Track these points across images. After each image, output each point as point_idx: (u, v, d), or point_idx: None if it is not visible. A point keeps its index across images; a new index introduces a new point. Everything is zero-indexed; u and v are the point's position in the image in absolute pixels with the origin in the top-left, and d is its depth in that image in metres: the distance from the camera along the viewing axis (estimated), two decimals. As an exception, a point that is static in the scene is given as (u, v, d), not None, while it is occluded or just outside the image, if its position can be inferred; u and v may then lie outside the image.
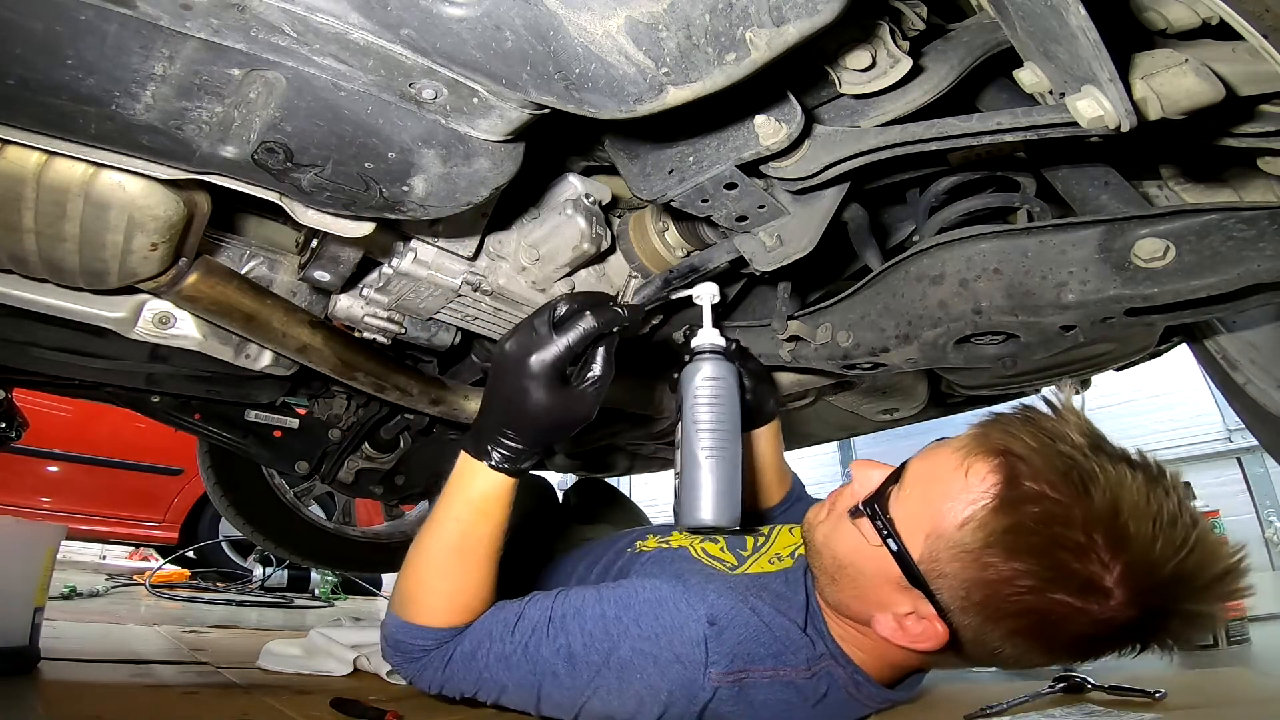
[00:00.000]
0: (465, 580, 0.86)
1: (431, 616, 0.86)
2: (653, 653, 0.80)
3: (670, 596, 0.84)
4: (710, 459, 0.88)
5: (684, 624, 0.81)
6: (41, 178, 0.69)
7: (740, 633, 0.82)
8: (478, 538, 0.85)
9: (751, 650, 0.82)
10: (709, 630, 0.81)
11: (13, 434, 1.54)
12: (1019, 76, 0.70)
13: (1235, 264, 0.72)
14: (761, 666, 0.82)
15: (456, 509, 0.85)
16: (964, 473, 0.75)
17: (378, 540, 2.55)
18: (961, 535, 0.73)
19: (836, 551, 0.86)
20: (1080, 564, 0.68)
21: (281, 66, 0.59)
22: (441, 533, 0.86)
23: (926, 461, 0.82)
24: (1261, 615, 1.85)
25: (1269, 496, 4.21)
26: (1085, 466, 0.71)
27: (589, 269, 1.12)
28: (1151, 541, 0.68)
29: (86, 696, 1.12)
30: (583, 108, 0.59)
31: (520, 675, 0.83)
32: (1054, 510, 0.69)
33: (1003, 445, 0.75)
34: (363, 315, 1.12)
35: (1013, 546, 0.70)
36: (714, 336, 0.96)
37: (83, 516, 3.76)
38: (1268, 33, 0.60)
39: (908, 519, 0.78)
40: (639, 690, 0.80)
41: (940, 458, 0.80)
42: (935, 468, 0.79)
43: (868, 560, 0.81)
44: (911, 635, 0.79)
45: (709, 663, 0.79)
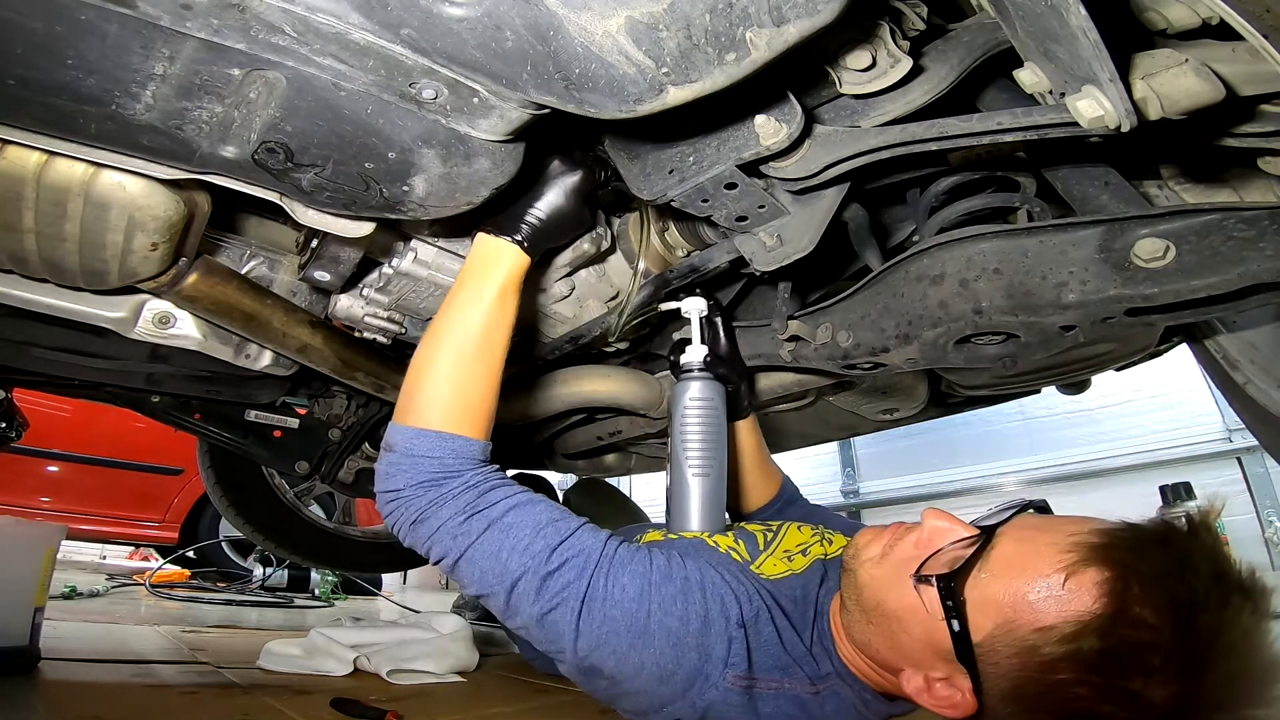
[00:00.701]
0: (487, 383, 0.83)
1: (458, 423, 0.80)
2: (677, 632, 0.77)
3: (713, 587, 0.82)
4: (696, 476, 0.98)
5: (716, 617, 0.80)
6: (42, 178, 0.69)
7: (758, 640, 0.81)
8: (495, 328, 0.84)
9: (763, 660, 0.81)
10: (736, 632, 0.79)
11: (13, 434, 1.55)
12: (1019, 76, 0.70)
13: (1235, 264, 0.72)
14: (769, 677, 0.81)
15: (476, 295, 0.84)
16: (1064, 576, 0.69)
17: (378, 540, 2.54)
18: (1039, 639, 0.69)
19: (884, 600, 0.81)
20: (1144, 685, 0.65)
21: (282, 66, 0.59)
22: (465, 323, 0.83)
23: (1027, 546, 0.74)
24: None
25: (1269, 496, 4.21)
26: (1199, 599, 0.66)
27: (589, 269, 1.12)
28: (1217, 671, 0.65)
29: (86, 696, 1.12)
30: (583, 108, 0.59)
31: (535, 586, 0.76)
32: (1149, 639, 0.65)
33: (1123, 560, 0.68)
34: (363, 315, 1.12)
35: (1092, 665, 0.67)
36: (701, 355, 1.00)
37: (83, 516, 3.75)
38: (1268, 33, 0.60)
39: (982, 602, 0.73)
40: (644, 661, 0.77)
41: (1046, 548, 0.73)
42: (1036, 558, 0.72)
43: (918, 624, 0.77)
44: (937, 698, 0.77)
45: (729, 663, 0.78)
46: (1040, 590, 0.70)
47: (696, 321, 1.04)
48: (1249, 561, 0.71)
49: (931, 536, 0.80)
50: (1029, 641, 0.69)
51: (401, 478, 0.78)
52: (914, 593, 0.77)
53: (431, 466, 0.78)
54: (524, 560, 0.76)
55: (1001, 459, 5.07)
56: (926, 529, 0.81)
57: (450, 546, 0.77)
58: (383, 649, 1.42)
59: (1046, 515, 0.82)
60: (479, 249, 0.88)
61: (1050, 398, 1.88)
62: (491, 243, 0.87)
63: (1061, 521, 0.77)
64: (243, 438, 1.68)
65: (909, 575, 0.78)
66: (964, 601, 0.73)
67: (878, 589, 0.82)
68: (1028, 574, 0.71)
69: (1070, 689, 0.67)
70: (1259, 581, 0.70)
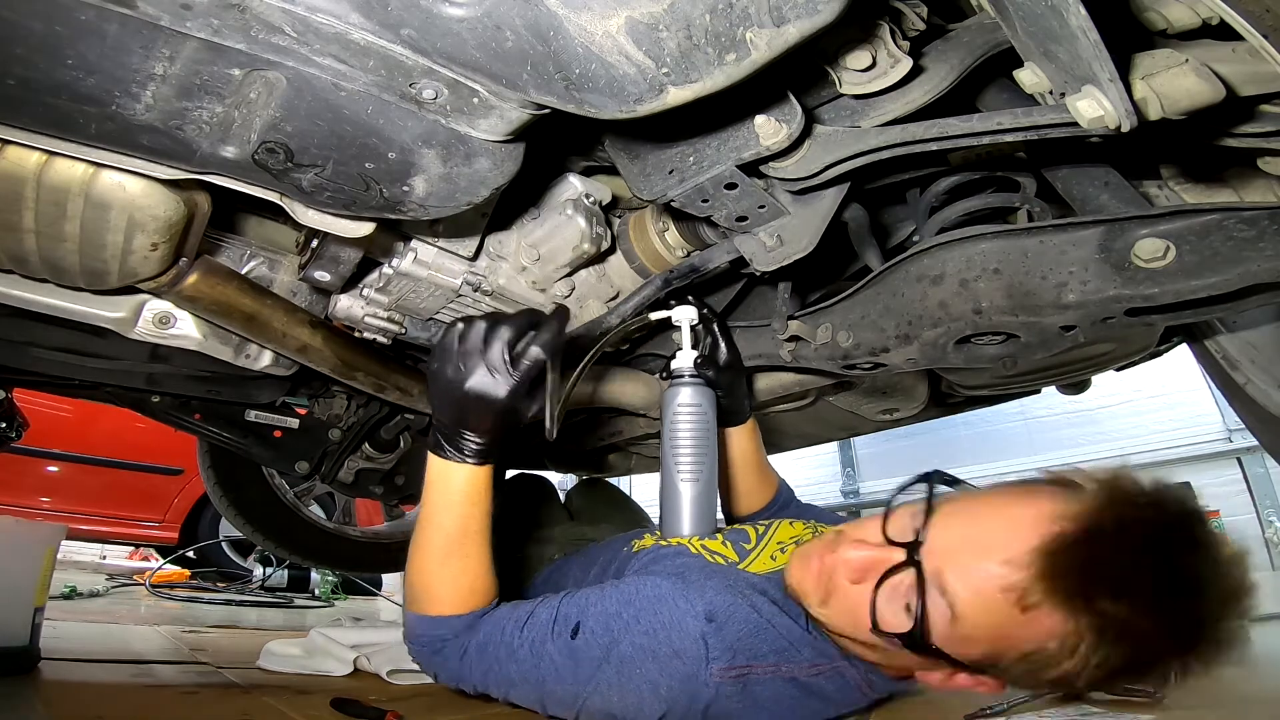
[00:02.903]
0: (466, 564, 0.90)
1: (442, 605, 0.90)
2: (652, 648, 0.80)
3: (669, 593, 0.84)
4: (686, 481, 1.00)
5: (682, 620, 0.81)
6: (42, 178, 0.69)
7: (740, 628, 0.81)
8: (470, 522, 0.89)
9: (753, 646, 0.81)
10: (708, 627, 0.80)
11: (13, 434, 1.55)
12: (1019, 76, 0.70)
13: (1235, 264, 0.72)
14: (764, 663, 0.81)
15: (443, 504, 0.89)
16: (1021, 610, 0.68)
17: (378, 540, 2.55)
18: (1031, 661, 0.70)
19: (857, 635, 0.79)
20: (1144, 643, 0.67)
21: (282, 66, 0.59)
22: (435, 526, 0.89)
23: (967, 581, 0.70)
24: (1261, 615, 1.85)
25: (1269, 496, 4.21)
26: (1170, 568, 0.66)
27: (589, 269, 1.12)
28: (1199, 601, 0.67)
29: (86, 696, 1.12)
30: (583, 108, 0.59)
31: (526, 670, 0.85)
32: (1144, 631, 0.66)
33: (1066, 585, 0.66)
34: (363, 315, 1.12)
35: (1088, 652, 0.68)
36: (690, 361, 1.01)
37: (83, 516, 3.75)
38: (1268, 33, 0.60)
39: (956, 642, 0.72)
40: (639, 687, 0.79)
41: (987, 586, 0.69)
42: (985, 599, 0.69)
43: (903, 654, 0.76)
44: (961, 685, 0.78)
45: (710, 658, 0.78)
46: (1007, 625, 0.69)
47: (686, 329, 1.05)
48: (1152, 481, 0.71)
49: (862, 571, 0.78)
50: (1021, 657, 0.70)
51: (415, 651, 0.94)
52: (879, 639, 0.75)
53: (433, 643, 0.91)
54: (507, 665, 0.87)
55: (1001, 459, 5.08)
56: (851, 562, 0.79)
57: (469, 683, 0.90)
58: (383, 649, 1.42)
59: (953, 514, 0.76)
60: (431, 469, 0.90)
61: (1050, 398, 1.89)
62: (439, 464, 0.89)
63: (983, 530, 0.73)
64: (243, 438, 1.68)
65: (867, 628, 0.75)
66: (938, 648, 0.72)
67: (843, 628, 0.81)
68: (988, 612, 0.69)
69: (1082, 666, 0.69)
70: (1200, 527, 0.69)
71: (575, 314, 1.16)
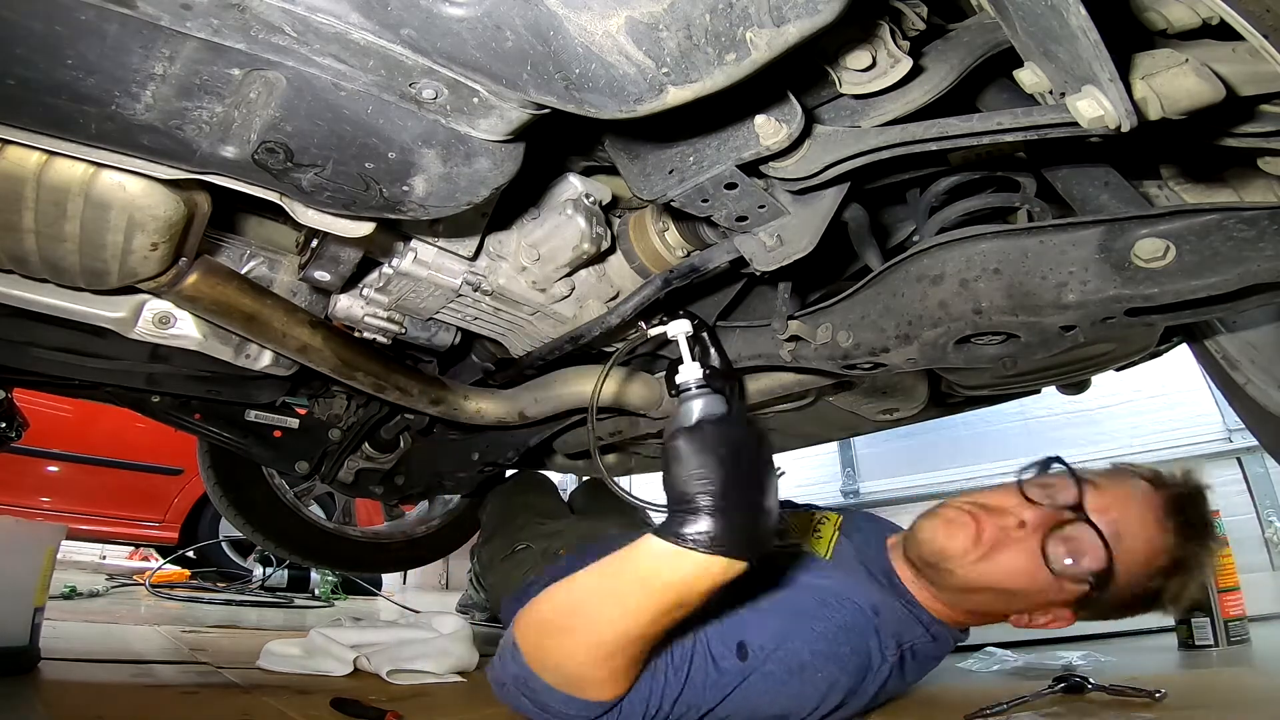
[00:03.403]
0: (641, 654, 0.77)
1: (602, 692, 0.77)
2: (832, 651, 0.87)
3: (832, 594, 0.92)
4: None
5: (854, 619, 0.90)
6: (42, 177, 0.69)
7: (892, 614, 0.93)
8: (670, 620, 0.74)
9: (900, 628, 0.93)
10: (876, 620, 0.91)
11: (13, 434, 1.54)
12: (1019, 76, 0.70)
13: (1235, 264, 0.72)
14: (908, 641, 0.94)
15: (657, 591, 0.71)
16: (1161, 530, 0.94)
17: (378, 540, 2.54)
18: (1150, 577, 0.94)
19: (1003, 584, 0.94)
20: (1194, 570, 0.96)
21: (282, 66, 0.59)
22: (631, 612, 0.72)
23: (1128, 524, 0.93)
24: (1261, 615, 1.85)
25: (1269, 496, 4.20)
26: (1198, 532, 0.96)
27: (589, 269, 1.12)
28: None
29: (86, 696, 1.12)
30: (583, 108, 0.59)
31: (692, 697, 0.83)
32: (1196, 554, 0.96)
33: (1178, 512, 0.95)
34: (363, 315, 1.12)
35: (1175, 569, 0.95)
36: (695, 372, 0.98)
37: (83, 516, 3.75)
38: (1268, 33, 0.60)
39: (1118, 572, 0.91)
40: (819, 688, 0.86)
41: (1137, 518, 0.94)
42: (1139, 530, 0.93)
43: (1045, 590, 0.93)
44: (1039, 624, 0.96)
45: (883, 646, 0.90)
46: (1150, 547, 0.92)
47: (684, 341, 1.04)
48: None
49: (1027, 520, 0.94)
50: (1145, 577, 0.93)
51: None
52: (1045, 573, 0.91)
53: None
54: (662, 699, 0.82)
55: (1001, 459, 5.06)
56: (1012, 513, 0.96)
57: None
58: (383, 649, 1.42)
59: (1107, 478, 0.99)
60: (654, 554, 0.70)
61: (1050, 398, 1.89)
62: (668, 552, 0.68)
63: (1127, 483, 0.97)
64: (243, 438, 1.67)
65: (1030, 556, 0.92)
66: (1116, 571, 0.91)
67: (994, 580, 0.94)
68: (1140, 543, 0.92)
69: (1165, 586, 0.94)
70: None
71: (575, 314, 1.16)
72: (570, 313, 1.16)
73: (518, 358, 1.29)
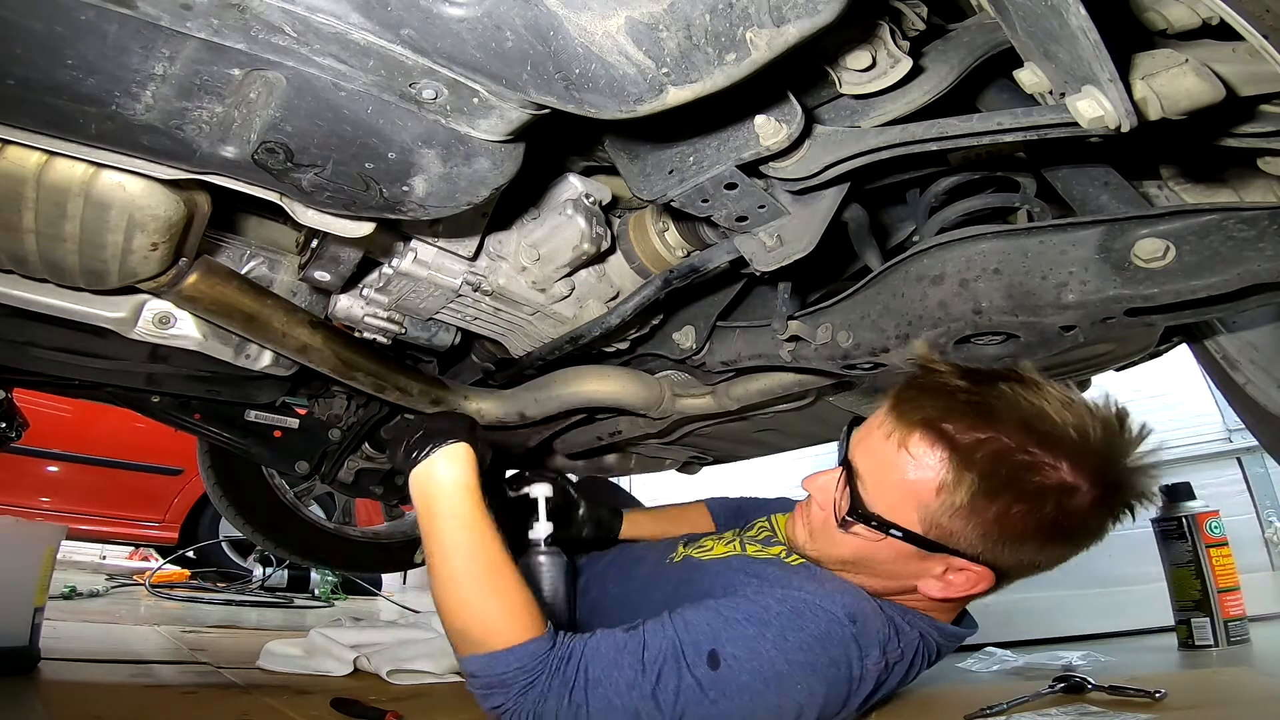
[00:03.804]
0: (512, 579, 0.87)
1: (506, 634, 0.82)
2: (809, 662, 0.83)
3: (805, 604, 0.88)
4: None
5: (830, 629, 0.86)
6: (42, 178, 0.69)
7: (872, 623, 0.89)
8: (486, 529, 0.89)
9: (883, 635, 0.89)
10: (854, 629, 0.86)
11: (13, 434, 1.54)
12: (1019, 77, 0.70)
13: (1235, 264, 0.72)
14: (894, 647, 0.90)
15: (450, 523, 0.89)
16: (906, 450, 0.84)
17: (378, 540, 2.54)
18: (944, 499, 0.82)
19: (844, 557, 0.93)
20: (1041, 476, 0.79)
21: (282, 66, 0.59)
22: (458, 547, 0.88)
23: (868, 453, 0.89)
24: (1261, 615, 1.85)
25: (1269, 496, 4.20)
26: (982, 402, 0.83)
27: (589, 269, 1.12)
28: (1067, 430, 0.80)
29: (86, 696, 1.12)
30: (583, 108, 0.59)
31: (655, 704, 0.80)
32: (994, 447, 0.80)
33: (919, 416, 0.84)
34: (363, 315, 1.12)
35: (989, 490, 0.80)
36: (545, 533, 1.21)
37: (83, 516, 3.75)
38: (1268, 33, 0.60)
39: (890, 506, 0.86)
40: (798, 701, 0.83)
41: (878, 446, 0.87)
42: (880, 456, 0.87)
43: (879, 550, 0.88)
44: (959, 586, 0.87)
45: (864, 655, 0.86)
46: (906, 469, 0.84)
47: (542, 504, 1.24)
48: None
49: (821, 494, 0.94)
50: (944, 504, 0.82)
51: (498, 696, 0.82)
52: (852, 537, 0.89)
53: (520, 678, 0.80)
54: (631, 695, 0.80)
55: (1001, 459, 5.07)
56: (814, 492, 0.96)
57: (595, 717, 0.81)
58: (383, 649, 1.42)
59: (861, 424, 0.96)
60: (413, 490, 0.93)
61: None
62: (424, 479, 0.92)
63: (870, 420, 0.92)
64: (243, 438, 1.67)
65: (837, 530, 0.90)
66: (879, 514, 0.86)
67: (832, 554, 0.94)
68: (888, 466, 0.85)
69: (1010, 511, 0.80)
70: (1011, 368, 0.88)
71: (575, 314, 1.16)
72: (570, 313, 1.16)
73: (518, 358, 1.29)
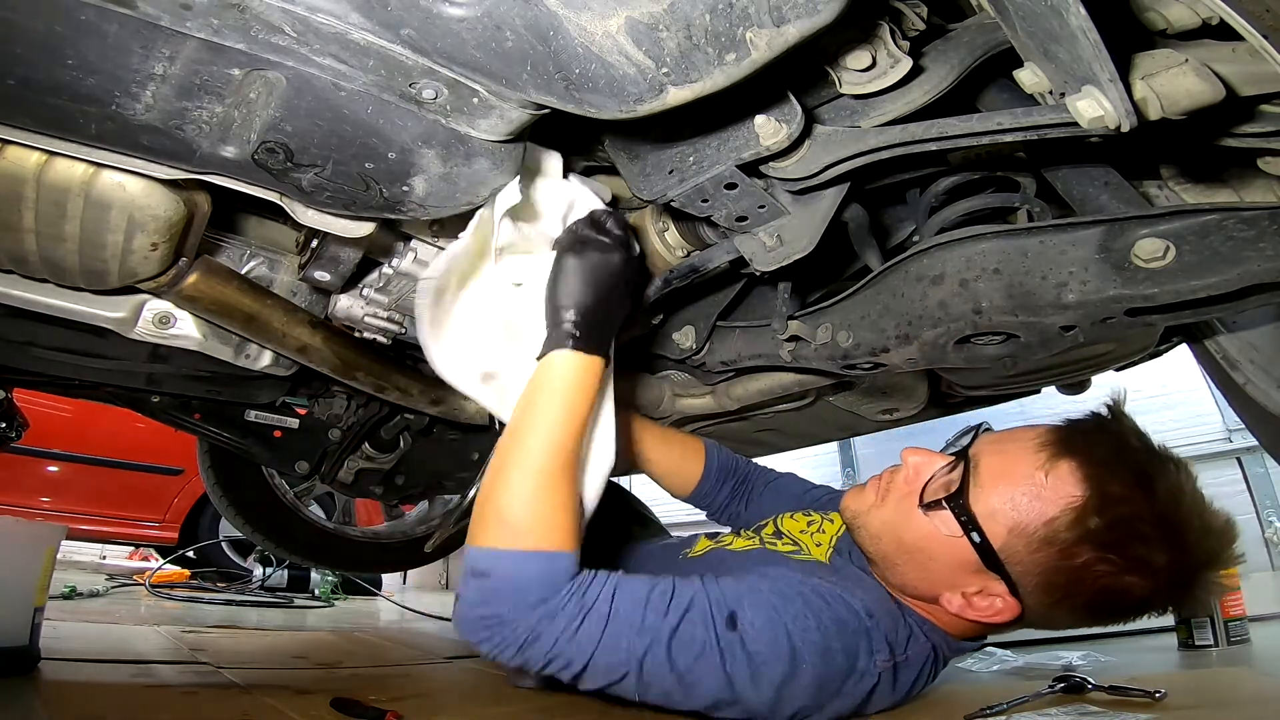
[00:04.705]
0: (571, 489, 0.81)
1: (554, 538, 0.77)
2: (821, 645, 0.83)
3: (829, 592, 0.88)
4: None
5: (848, 618, 0.85)
6: (42, 177, 0.69)
7: (886, 622, 0.88)
8: (577, 432, 0.83)
9: (895, 637, 0.88)
10: (870, 623, 0.86)
11: (13, 434, 1.54)
12: (1019, 77, 0.70)
13: (1235, 264, 0.72)
14: (902, 651, 0.89)
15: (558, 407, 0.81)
16: (1046, 473, 0.82)
17: (378, 540, 2.54)
18: (1050, 530, 0.80)
19: (903, 538, 0.90)
20: (1147, 551, 0.78)
21: (282, 66, 0.59)
22: (544, 436, 0.80)
23: (1003, 458, 0.86)
24: (1261, 615, 1.85)
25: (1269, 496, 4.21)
26: (1147, 469, 0.81)
27: (589, 269, 1.12)
28: (1195, 527, 0.80)
29: (86, 696, 1.12)
30: (583, 108, 0.59)
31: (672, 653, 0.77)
32: (1136, 510, 0.79)
33: (1084, 449, 0.82)
34: (363, 315, 1.12)
35: (1102, 541, 0.79)
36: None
37: (83, 516, 3.75)
38: (1268, 33, 0.60)
39: (988, 512, 0.83)
40: (805, 680, 0.82)
41: (1019, 455, 0.85)
42: (1015, 465, 0.84)
43: (940, 547, 0.86)
44: (979, 611, 0.86)
45: (874, 651, 0.85)
46: (1032, 489, 0.81)
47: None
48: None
49: (918, 470, 0.91)
50: (1041, 534, 0.80)
51: (503, 603, 0.75)
52: (926, 521, 0.86)
53: (536, 589, 0.75)
54: (645, 637, 0.77)
55: (1001, 459, 5.07)
56: (910, 465, 0.92)
57: (573, 655, 0.76)
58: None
59: (999, 431, 0.94)
60: (536, 374, 0.84)
61: (1050, 398, 1.89)
62: (562, 362, 0.83)
63: (1017, 432, 0.90)
64: (243, 438, 1.67)
65: (915, 508, 0.87)
66: (975, 514, 0.83)
67: (892, 529, 0.91)
68: (1015, 479, 0.83)
69: (1094, 568, 0.79)
70: (1173, 451, 0.87)
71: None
72: (570, 313, 1.15)
73: (518, 358, 1.29)
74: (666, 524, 1.96)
